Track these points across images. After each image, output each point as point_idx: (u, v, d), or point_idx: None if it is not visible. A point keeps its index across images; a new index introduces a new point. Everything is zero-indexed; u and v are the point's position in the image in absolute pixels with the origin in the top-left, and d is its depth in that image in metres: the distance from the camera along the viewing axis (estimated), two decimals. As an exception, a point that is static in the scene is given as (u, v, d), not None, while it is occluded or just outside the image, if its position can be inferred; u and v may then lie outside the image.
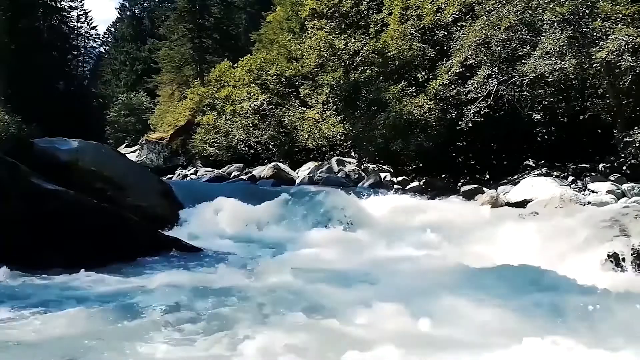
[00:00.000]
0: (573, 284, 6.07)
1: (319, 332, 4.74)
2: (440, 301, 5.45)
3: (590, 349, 4.16)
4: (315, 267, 7.63)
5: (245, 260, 8.27)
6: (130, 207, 10.07)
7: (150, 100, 42.40)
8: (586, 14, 11.96)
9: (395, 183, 16.60)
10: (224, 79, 27.89)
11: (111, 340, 4.43)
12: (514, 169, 15.25)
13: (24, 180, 7.83)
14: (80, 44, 45.49)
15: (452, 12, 15.66)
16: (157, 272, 7.14)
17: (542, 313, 5.17)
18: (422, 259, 8.18)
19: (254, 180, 19.07)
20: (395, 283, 6.39)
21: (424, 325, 4.86)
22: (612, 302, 5.42)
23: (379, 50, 18.56)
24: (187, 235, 9.85)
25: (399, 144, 17.19)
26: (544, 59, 12.67)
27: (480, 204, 12.51)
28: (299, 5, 23.46)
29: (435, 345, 4.43)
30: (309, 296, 5.87)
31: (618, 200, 11.13)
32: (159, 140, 33.46)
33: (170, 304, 5.50)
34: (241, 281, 6.51)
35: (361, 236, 10.31)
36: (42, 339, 4.36)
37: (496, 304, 5.36)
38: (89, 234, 7.70)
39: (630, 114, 12.89)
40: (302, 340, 4.47)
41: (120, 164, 12.56)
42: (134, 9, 55.90)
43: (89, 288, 6.19)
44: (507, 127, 15.36)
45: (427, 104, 16.59)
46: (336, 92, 18.79)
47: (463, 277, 6.62)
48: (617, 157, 13.20)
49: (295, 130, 21.60)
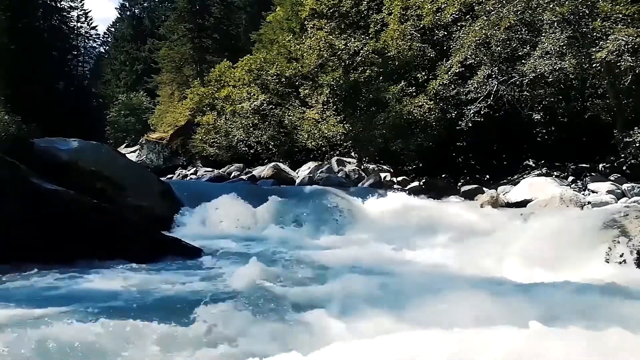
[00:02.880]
0: (573, 283, 6.07)
1: (319, 332, 4.74)
2: (440, 301, 5.45)
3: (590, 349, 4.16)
4: (316, 267, 7.64)
5: (245, 260, 8.26)
6: (130, 207, 10.08)
7: (150, 100, 42.42)
8: (586, 14, 11.96)
9: (395, 183, 16.61)
10: (224, 79, 27.91)
11: (110, 340, 4.42)
12: (514, 169, 15.25)
13: (24, 180, 7.82)
14: (80, 44, 45.57)
15: (452, 12, 15.66)
16: (156, 272, 7.14)
17: (542, 313, 5.17)
18: (422, 259, 8.19)
19: (254, 180, 19.07)
20: (395, 283, 6.39)
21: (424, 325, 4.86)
22: (613, 301, 5.42)
23: (378, 50, 18.56)
24: (187, 235, 9.85)
25: (399, 144, 17.20)
26: (544, 59, 12.67)
27: (480, 204, 12.51)
28: (299, 5, 23.45)
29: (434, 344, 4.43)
30: (309, 296, 5.87)
31: (618, 200, 11.13)
32: (159, 140, 33.47)
33: (169, 303, 5.51)
34: (241, 281, 6.51)
35: (361, 236, 10.31)
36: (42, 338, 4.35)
37: (496, 304, 5.36)
38: (88, 234, 7.69)
39: (630, 114, 12.88)
40: (302, 339, 4.47)
41: (120, 164, 12.57)
42: (134, 9, 55.88)
43: (88, 288, 6.19)
44: (507, 127, 15.36)
45: (427, 104, 16.59)
46: (336, 92, 18.79)
47: (463, 277, 6.63)
48: (617, 157, 13.20)
49: (295, 130, 21.61)
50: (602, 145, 13.70)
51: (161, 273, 7.11)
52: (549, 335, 4.16)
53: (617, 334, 4.08)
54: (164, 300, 5.60)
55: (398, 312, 5.20)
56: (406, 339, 4.14)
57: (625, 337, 4.08)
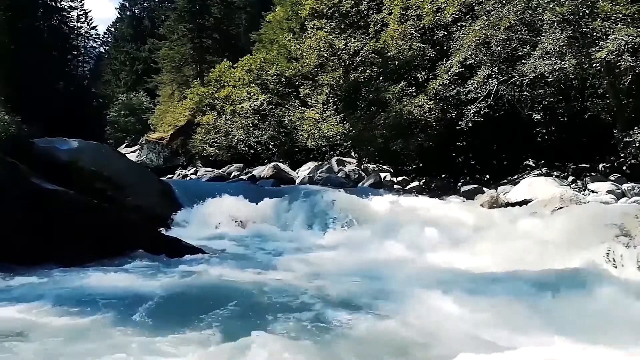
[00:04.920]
0: (573, 283, 6.07)
1: (319, 332, 4.74)
2: (439, 301, 5.45)
3: (591, 348, 4.16)
4: (316, 267, 7.63)
5: (245, 260, 8.27)
6: (130, 207, 10.08)
7: (150, 100, 42.40)
8: (586, 14, 11.95)
9: (395, 183, 16.61)
10: (223, 79, 27.91)
11: (110, 339, 4.42)
12: (514, 169, 15.25)
13: (24, 180, 7.82)
14: (80, 44, 45.52)
15: (452, 12, 15.65)
16: (156, 272, 7.14)
17: (541, 312, 5.17)
18: (422, 259, 8.19)
19: (254, 180, 19.06)
20: (395, 283, 6.39)
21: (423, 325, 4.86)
22: (613, 301, 5.42)
23: (378, 50, 18.54)
24: (186, 235, 9.84)
25: (399, 144, 17.19)
26: (544, 59, 12.66)
27: (480, 203, 12.51)
28: (299, 5, 23.45)
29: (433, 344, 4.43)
30: (309, 296, 5.87)
31: (618, 200, 11.13)
32: (159, 140, 33.48)
33: (170, 303, 5.51)
34: (241, 281, 6.51)
35: (361, 236, 10.30)
36: (41, 338, 4.35)
37: (496, 304, 5.36)
38: (88, 233, 7.69)
39: (630, 114, 12.88)
40: (302, 339, 4.47)
41: (120, 164, 12.57)
42: (134, 9, 55.82)
43: (88, 288, 6.18)
44: (507, 127, 15.36)
45: (427, 103, 16.58)
46: (336, 92, 18.79)
47: (463, 277, 6.63)
48: (617, 157, 13.20)
49: (295, 130, 21.61)
50: (602, 145, 13.70)
51: (161, 272, 7.10)
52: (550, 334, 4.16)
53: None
54: (163, 300, 5.59)
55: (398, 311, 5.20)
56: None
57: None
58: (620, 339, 4.34)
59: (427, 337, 4.61)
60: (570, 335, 4.41)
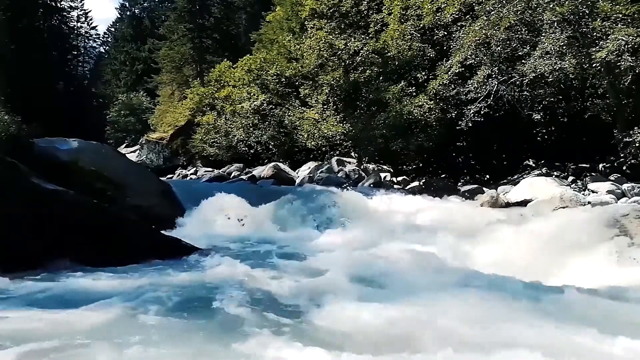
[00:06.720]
0: (573, 283, 6.07)
1: (320, 332, 4.75)
2: (439, 301, 5.45)
3: (591, 348, 4.16)
4: (316, 267, 7.63)
5: (245, 259, 8.26)
6: (130, 207, 10.08)
7: (150, 100, 42.42)
8: (586, 14, 11.96)
9: (395, 183, 16.62)
10: (223, 79, 27.93)
11: (109, 340, 4.42)
12: (514, 169, 15.26)
13: (24, 180, 7.82)
14: (80, 44, 45.63)
15: (452, 12, 15.67)
16: (157, 273, 7.13)
17: (541, 313, 5.17)
18: (422, 259, 8.18)
19: (254, 180, 19.07)
20: (394, 283, 6.39)
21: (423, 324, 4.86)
22: (613, 301, 5.42)
23: (378, 50, 18.56)
24: (187, 235, 9.84)
25: (399, 144, 17.20)
26: (544, 59, 12.67)
27: (480, 204, 12.51)
28: (299, 5, 23.45)
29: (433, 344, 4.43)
30: (309, 296, 5.87)
31: (618, 200, 11.13)
32: (159, 140, 33.49)
33: (170, 304, 5.50)
34: (241, 281, 6.51)
35: (361, 236, 10.30)
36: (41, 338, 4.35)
37: (496, 304, 5.36)
38: (88, 234, 7.68)
39: (630, 114, 12.89)
40: (302, 339, 4.47)
41: (120, 164, 12.57)
42: (134, 9, 55.85)
43: (88, 288, 6.18)
44: (507, 127, 15.37)
45: (427, 103, 16.59)
46: (336, 92, 18.80)
47: (463, 277, 6.62)
48: (617, 157, 13.20)
49: (295, 130, 21.62)
50: (602, 145, 13.70)
51: (161, 272, 7.10)
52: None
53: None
54: (163, 300, 5.59)
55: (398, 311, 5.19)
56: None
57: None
58: (620, 339, 4.34)
59: (426, 337, 4.61)
60: (570, 335, 4.41)
